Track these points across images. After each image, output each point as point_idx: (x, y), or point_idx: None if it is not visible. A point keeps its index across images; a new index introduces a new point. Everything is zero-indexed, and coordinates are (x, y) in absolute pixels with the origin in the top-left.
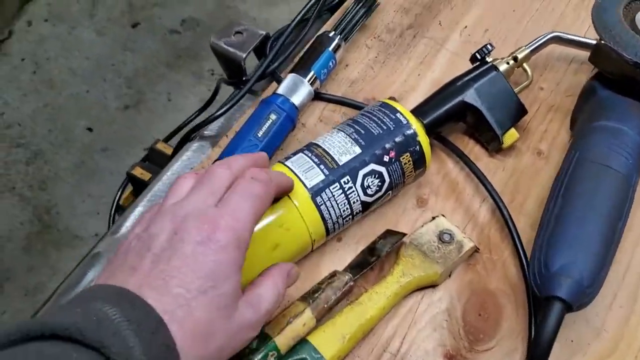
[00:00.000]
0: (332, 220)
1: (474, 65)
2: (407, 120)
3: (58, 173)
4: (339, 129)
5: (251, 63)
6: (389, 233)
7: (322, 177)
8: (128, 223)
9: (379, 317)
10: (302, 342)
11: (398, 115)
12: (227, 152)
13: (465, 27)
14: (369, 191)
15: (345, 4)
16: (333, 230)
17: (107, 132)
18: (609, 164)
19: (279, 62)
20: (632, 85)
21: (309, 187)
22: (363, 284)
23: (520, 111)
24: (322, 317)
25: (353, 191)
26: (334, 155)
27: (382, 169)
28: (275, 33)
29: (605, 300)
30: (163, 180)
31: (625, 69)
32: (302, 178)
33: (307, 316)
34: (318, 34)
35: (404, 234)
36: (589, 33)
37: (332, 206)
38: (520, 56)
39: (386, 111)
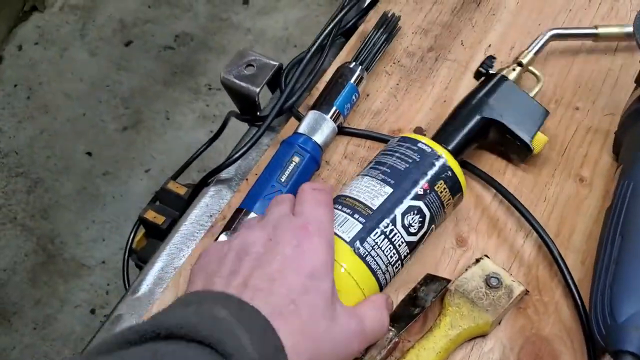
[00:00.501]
0: (381, 270)
1: (481, 80)
2: (432, 148)
3: (59, 201)
4: (362, 175)
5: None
6: (430, 278)
7: (359, 226)
8: (148, 280)
9: None
10: None
11: (420, 145)
12: (249, 199)
13: (490, 45)
14: (411, 229)
15: (360, 28)
16: (385, 281)
17: (106, 155)
18: None
19: (296, 97)
20: None
21: (348, 240)
22: (407, 337)
23: (542, 113)
24: None
25: (395, 233)
26: (365, 202)
27: (420, 203)
28: (290, 63)
29: None
30: (181, 232)
31: None
32: (339, 232)
33: None
34: (338, 66)
35: (449, 280)
36: None
37: (378, 254)
38: (524, 61)
39: (407, 144)
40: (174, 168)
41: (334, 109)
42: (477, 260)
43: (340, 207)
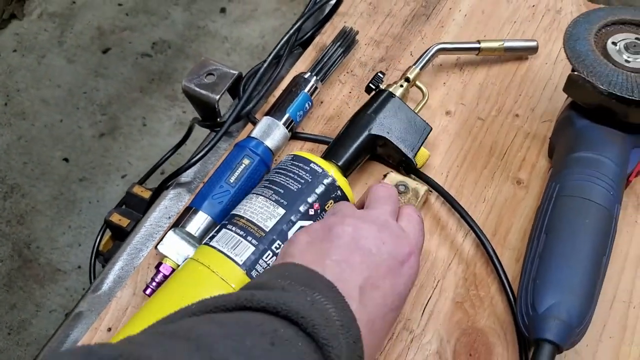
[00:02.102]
0: None
1: (371, 95)
2: (323, 169)
3: (36, 206)
4: (257, 194)
5: (225, 101)
6: None
7: (252, 248)
8: (109, 279)
9: None
10: None
11: (312, 165)
12: (198, 198)
13: None
14: None
15: (317, 39)
16: None
17: (83, 161)
18: (590, 198)
19: (253, 104)
20: (608, 115)
21: (241, 263)
22: None
23: (425, 129)
24: None
25: None
26: (258, 223)
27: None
28: (248, 72)
29: (594, 331)
30: (141, 233)
31: (599, 99)
32: (232, 256)
33: None
34: (294, 75)
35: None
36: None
37: None
38: (411, 76)
39: (300, 164)
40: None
41: (287, 115)
42: (384, 176)
43: (233, 229)
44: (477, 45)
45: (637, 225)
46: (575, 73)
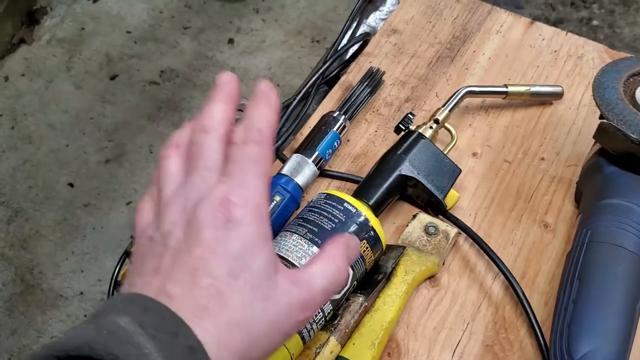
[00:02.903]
0: (306, 329)
1: (401, 136)
2: (357, 209)
3: (40, 231)
4: (291, 231)
5: None
6: (387, 248)
7: None
8: None
9: (397, 317)
10: (337, 359)
11: (346, 205)
12: None
13: None
14: None
15: (343, 78)
16: (309, 337)
17: (88, 187)
18: (621, 244)
19: (282, 140)
20: (637, 162)
21: None
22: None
23: (455, 171)
24: (345, 342)
25: None
26: (293, 261)
27: None
28: None
29: None
30: None
31: (629, 147)
32: None
33: (332, 344)
34: (323, 114)
35: (404, 247)
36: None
37: None
38: (440, 118)
39: (333, 203)
40: None
41: (316, 153)
42: (414, 217)
43: None
44: (504, 89)
45: None
46: (606, 121)
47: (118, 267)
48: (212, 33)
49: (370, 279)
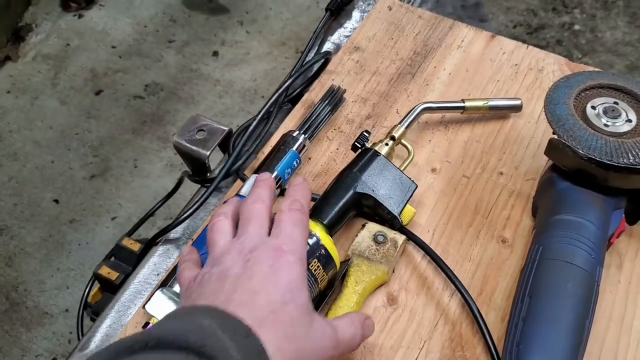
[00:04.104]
0: None
1: (357, 154)
2: (309, 229)
3: (25, 248)
4: None
5: (215, 155)
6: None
7: None
8: (97, 337)
9: None
10: None
11: None
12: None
13: None
14: None
15: (305, 97)
16: None
17: (73, 203)
18: (572, 262)
19: (243, 160)
20: (588, 178)
21: None
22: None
23: (411, 187)
24: None
25: None
26: None
27: None
28: (238, 129)
29: None
30: (130, 290)
31: (579, 163)
32: None
33: None
34: (283, 133)
35: (349, 259)
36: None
37: None
38: (397, 134)
39: None
40: (140, 216)
41: (274, 174)
42: (363, 226)
43: None
44: (461, 104)
45: (620, 285)
46: (556, 137)
47: (88, 288)
48: (196, 46)
49: (322, 296)
